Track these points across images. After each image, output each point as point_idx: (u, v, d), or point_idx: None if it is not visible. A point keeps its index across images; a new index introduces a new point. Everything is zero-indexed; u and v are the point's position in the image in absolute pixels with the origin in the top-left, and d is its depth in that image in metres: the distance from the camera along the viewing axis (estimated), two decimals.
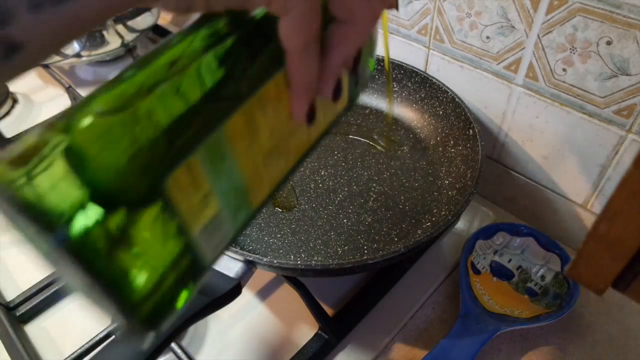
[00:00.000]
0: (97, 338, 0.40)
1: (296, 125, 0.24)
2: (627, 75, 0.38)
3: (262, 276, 0.48)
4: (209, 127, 0.19)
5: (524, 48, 0.43)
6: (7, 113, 0.72)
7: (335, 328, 0.43)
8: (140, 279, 0.17)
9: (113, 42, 0.70)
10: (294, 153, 0.25)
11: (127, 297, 0.17)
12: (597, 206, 0.46)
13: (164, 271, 0.18)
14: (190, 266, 0.19)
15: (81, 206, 0.15)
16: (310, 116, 0.23)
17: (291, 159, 0.25)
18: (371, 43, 0.28)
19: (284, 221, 0.47)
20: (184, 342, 0.43)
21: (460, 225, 0.53)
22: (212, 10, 0.20)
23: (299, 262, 0.43)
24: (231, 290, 0.36)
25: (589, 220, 0.48)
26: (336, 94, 0.23)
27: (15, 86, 0.74)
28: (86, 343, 0.40)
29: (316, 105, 0.23)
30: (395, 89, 0.57)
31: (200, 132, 0.19)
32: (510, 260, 0.48)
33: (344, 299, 0.46)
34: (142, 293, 0.17)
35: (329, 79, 0.23)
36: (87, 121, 0.16)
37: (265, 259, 0.36)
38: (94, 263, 0.15)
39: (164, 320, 0.19)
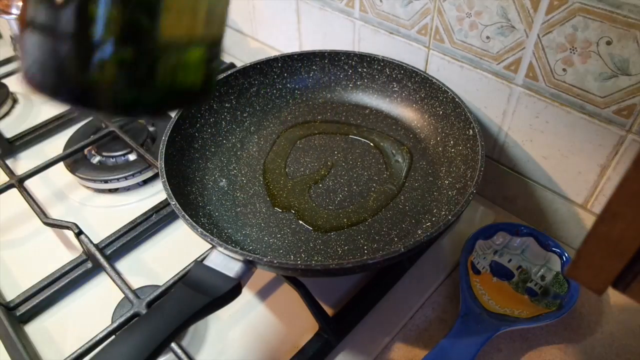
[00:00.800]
0: (97, 338, 0.40)
1: None
2: (627, 75, 0.38)
3: (262, 276, 0.48)
4: None
5: (524, 48, 0.43)
6: (7, 113, 0.72)
7: (335, 328, 0.43)
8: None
9: None
10: None
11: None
12: (597, 206, 0.46)
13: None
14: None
15: None
16: None
17: None
18: None
19: (284, 221, 0.47)
20: (184, 342, 0.43)
21: (460, 225, 0.53)
22: None
23: (299, 262, 0.43)
24: (231, 290, 0.36)
25: (589, 220, 0.48)
26: None
27: (15, 86, 0.75)
28: (86, 343, 0.40)
29: None
30: (395, 89, 0.57)
31: None
32: (510, 260, 0.48)
33: (344, 299, 0.46)
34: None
35: None
36: None
37: (265, 259, 0.36)
38: None
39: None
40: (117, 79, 0.20)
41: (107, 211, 0.57)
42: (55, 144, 0.65)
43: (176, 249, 0.52)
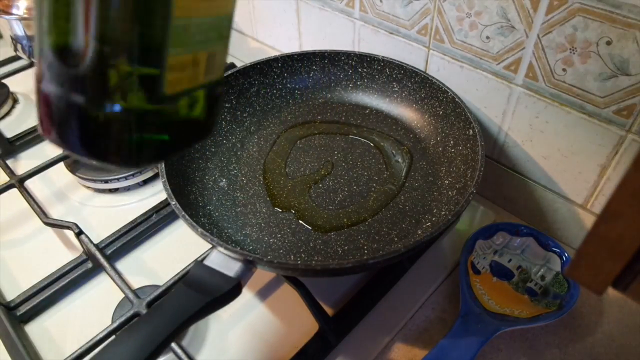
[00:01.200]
0: (97, 338, 0.40)
1: None
2: (627, 75, 0.38)
3: (262, 276, 0.48)
4: None
5: (523, 48, 0.43)
6: (7, 113, 0.72)
7: (335, 328, 0.43)
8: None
9: None
10: None
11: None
12: (597, 206, 0.46)
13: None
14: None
15: None
16: None
17: None
18: None
19: (284, 221, 0.47)
20: (184, 342, 0.43)
21: (460, 225, 0.53)
22: None
23: (299, 262, 0.43)
24: (231, 290, 0.36)
25: (589, 220, 0.48)
26: None
27: (16, 86, 0.75)
28: (86, 343, 0.40)
29: None
30: (395, 89, 0.57)
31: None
32: (510, 260, 0.48)
33: (344, 299, 0.46)
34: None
35: None
36: None
37: (265, 259, 0.36)
38: None
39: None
40: (124, 131, 0.21)
41: (107, 211, 0.57)
42: None
43: (176, 249, 0.52)
